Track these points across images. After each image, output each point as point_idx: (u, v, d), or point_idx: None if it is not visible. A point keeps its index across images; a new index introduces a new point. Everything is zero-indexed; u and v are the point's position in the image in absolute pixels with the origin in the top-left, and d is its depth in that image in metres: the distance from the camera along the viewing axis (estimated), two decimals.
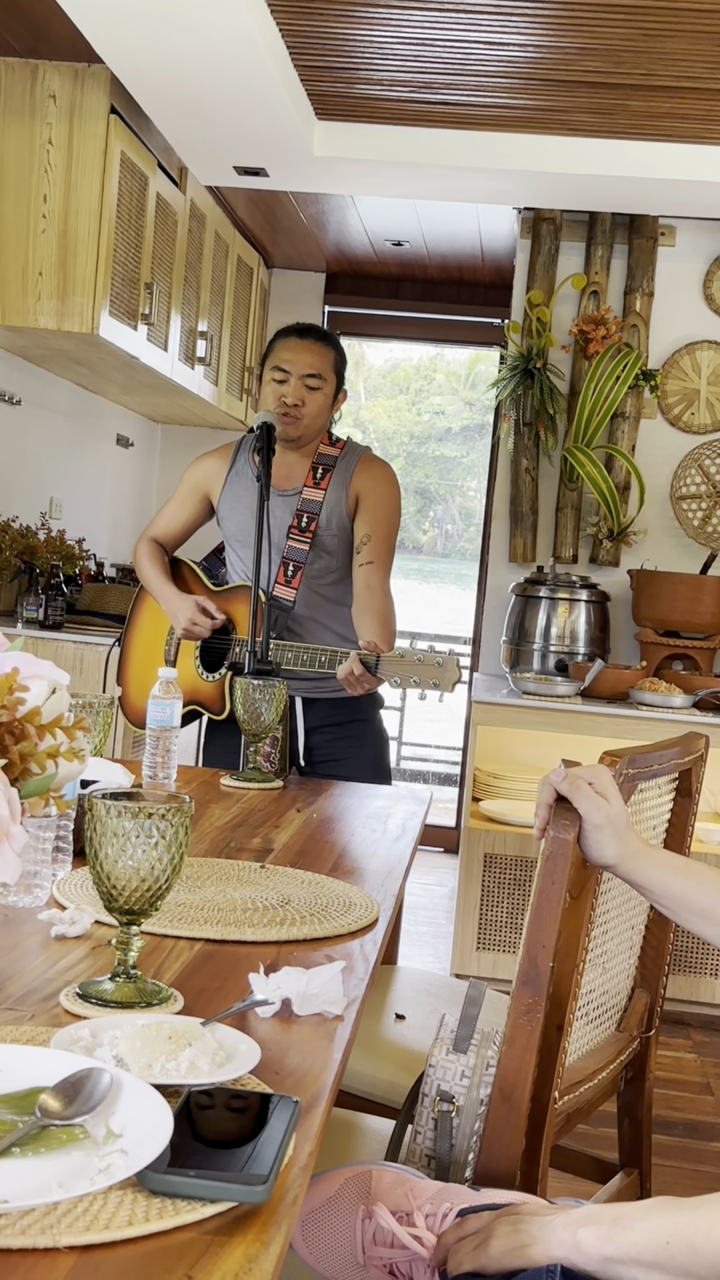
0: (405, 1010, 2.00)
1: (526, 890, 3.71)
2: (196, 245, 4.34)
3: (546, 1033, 1.42)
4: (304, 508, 2.65)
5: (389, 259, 5.29)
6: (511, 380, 4.29)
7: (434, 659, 2.25)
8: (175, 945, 1.37)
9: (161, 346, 4.00)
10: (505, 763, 4.20)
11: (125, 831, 1.12)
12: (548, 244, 4.35)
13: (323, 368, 2.62)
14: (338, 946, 1.43)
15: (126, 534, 5.27)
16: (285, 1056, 1.11)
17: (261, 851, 1.84)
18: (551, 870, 1.36)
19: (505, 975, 3.65)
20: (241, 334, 5.08)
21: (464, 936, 3.76)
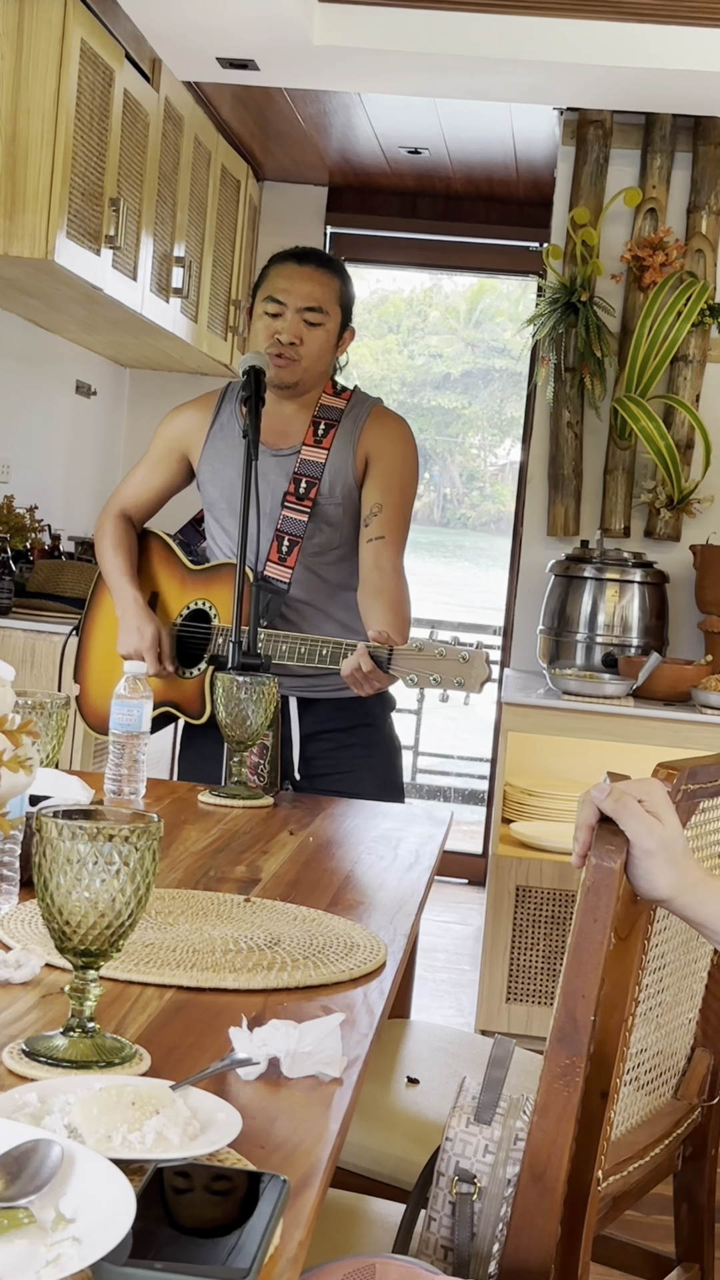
0: (418, 1072, 2.01)
1: (565, 930, 3.71)
2: (172, 153, 4.33)
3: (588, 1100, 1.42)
4: (302, 470, 2.65)
5: (404, 170, 5.27)
6: (551, 316, 4.29)
7: (458, 653, 2.25)
8: (141, 993, 1.37)
9: (130, 275, 4.00)
10: (541, 777, 4.20)
11: (81, 857, 1.13)
12: (595, 152, 4.34)
13: (325, 299, 2.62)
14: (337, 996, 1.43)
15: (87, 501, 5.27)
16: (272, 1127, 1.11)
17: (246, 882, 1.84)
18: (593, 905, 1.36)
19: (540, 1032, 3.65)
20: (226, 260, 5.08)
21: (491, 985, 3.77)
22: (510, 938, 3.76)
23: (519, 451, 5.36)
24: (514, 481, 5.81)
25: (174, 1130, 1.02)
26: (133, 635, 2.63)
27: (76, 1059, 1.16)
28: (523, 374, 11.19)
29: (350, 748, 2.71)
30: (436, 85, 4.01)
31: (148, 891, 1.16)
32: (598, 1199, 1.46)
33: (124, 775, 2.16)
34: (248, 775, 2.42)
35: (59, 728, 1.96)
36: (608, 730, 3.78)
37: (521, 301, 10.73)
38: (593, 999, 1.36)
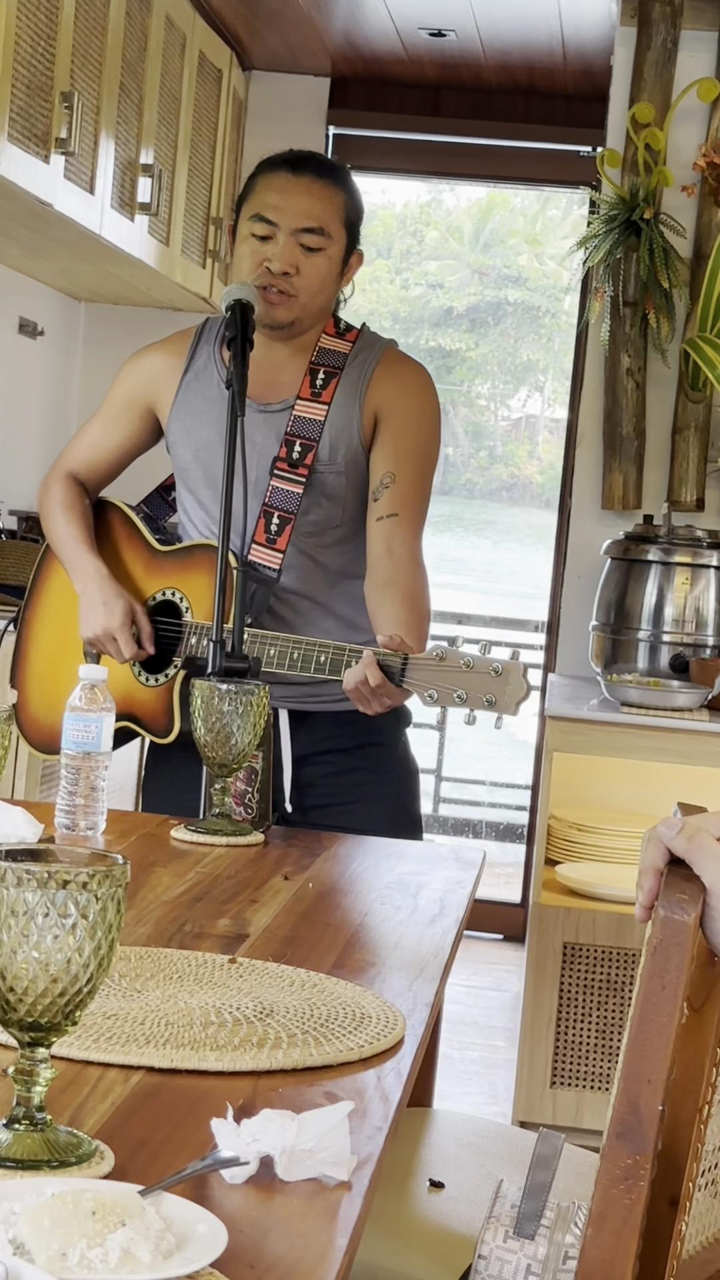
0: (444, 1174, 2.01)
1: (625, 998, 3.71)
2: (138, 37, 4.34)
3: (654, 1209, 1.42)
4: (296, 430, 2.65)
5: (424, 57, 5.27)
6: (607, 238, 4.29)
7: (490, 665, 2.25)
8: (103, 1076, 1.37)
9: (86, 187, 4.00)
10: (595, 808, 4.20)
11: (29, 908, 1.13)
12: (662, 33, 4.34)
13: (326, 217, 2.62)
14: (344, 1080, 1.43)
15: (32, 467, 5.28)
16: (264, 1242, 1.11)
17: (231, 938, 1.84)
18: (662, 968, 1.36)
19: (594, 1124, 3.65)
20: (205, 169, 5.08)
21: (532, 1066, 3.77)
22: (556, 1007, 3.76)
23: (536, 403, 5.31)
24: (529, 440, 5.81)
25: (144, 1246, 1.02)
26: (98, 612, 2.62)
27: (23, 1157, 1.16)
28: (541, 308, 11.11)
29: (355, 772, 2.71)
30: None
31: (111, 951, 1.16)
32: None
33: (79, 806, 2.16)
34: (232, 806, 2.43)
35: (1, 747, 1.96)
36: (677, 750, 3.77)
37: (541, 219, 10.73)
38: (660, 1084, 1.36)
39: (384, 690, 2.33)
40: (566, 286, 18.46)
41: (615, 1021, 3.73)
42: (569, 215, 18.84)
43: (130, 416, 2.80)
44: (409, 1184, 1.98)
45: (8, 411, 5.12)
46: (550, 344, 10.73)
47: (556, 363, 10.79)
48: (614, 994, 3.76)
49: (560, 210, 17.36)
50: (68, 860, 1.20)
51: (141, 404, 2.79)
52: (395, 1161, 2.03)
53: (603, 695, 4.05)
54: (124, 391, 2.80)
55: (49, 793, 3.85)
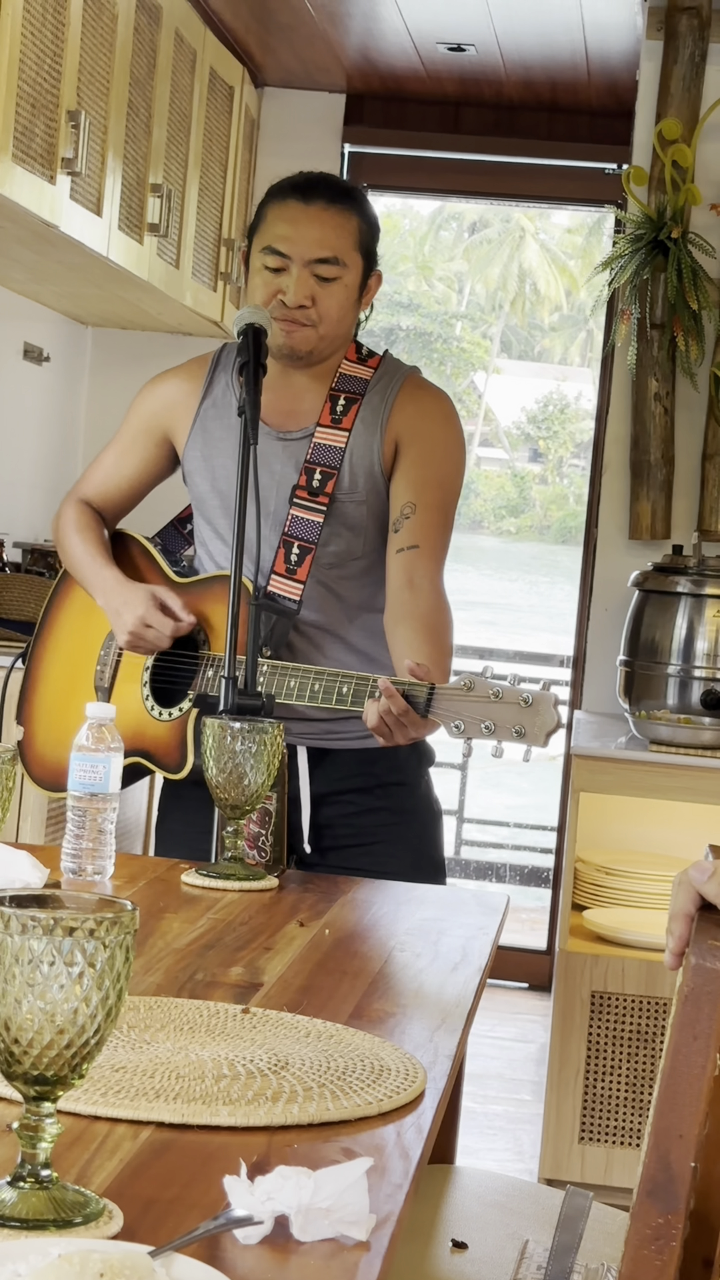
0: (467, 1234, 2.00)
1: (656, 1049, 3.70)
2: (147, 53, 4.37)
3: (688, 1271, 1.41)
4: (316, 458, 2.66)
5: (443, 73, 5.30)
6: (633, 258, 4.30)
7: (519, 695, 2.25)
8: (111, 1132, 1.37)
9: (93, 208, 4.03)
10: (623, 851, 4.19)
11: (34, 956, 1.13)
12: (690, 47, 4.36)
13: (341, 246, 2.63)
14: (362, 1135, 1.43)
15: (39, 498, 5.30)
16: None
17: (244, 987, 1.84)
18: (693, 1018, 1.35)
19: (626, 1182, 3.63)
20: (216, 189, 5.11)
21: (559, 1120, 3.75)
22: (584, 1059, 3.74)
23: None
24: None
25: None
26: (123, 614, 2.63)
27: (28, 1217, 1.16)
28: (433, 334, 11.11)
29: (376, 813, 2.71)
30: None
31: (119, 1000, 1.16)
32: None
33: (87, 849, 2.17)
34: (245, 849, 2.43)
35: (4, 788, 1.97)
36: (709, 790, 3.76)
37: (430, 241, 10.87)
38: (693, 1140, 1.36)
39: (408, 720, 2.33)
40: (457, 313, 18.38)
41: (646, 1074, 3.72)
42: (460, 239, 18.84)
43: (146, 444, 2.81)
44: (430, 1244, 1.97)
45: (12, 441, 5.14)
46: (442, 368, 10.76)
47: (450, 386, 10.84)
48: (644, 1045, 3.74)
49: (451, 232, 17.40)
50: (74, 906, 1.20)
51: (158, 432, 2.80)
52: (416, 1221, 2.03)
53: (631, 733, 4.05)
54: (140, 419, 2.82)
55: (55, 836, 3.86)
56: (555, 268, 17.09)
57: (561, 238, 17.24)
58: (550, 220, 16.96)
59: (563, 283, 17.18)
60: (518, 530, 20.99)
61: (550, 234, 17.14)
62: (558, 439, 21.03)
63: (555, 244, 17.21)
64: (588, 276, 16.86)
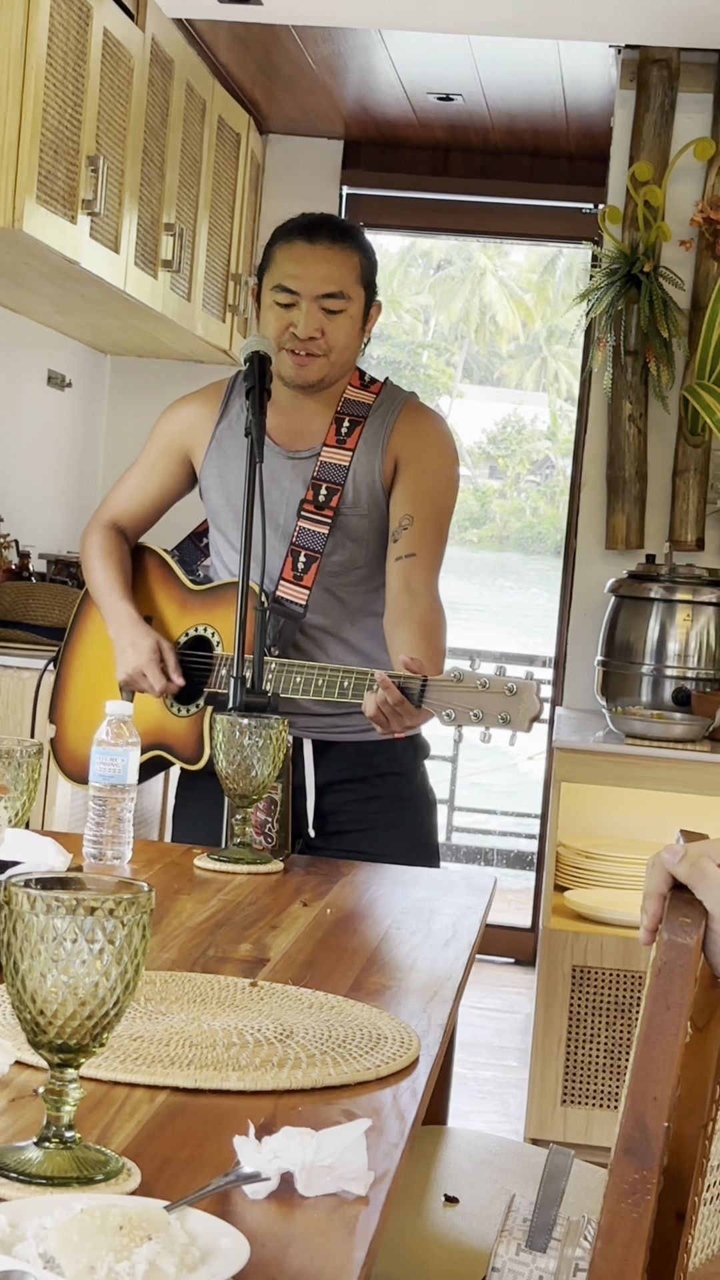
0: (458, 1190, 2.00)
1: (632, 1018, 3.69)
2: (161, 104, 4.37)
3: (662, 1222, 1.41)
4: (323, 475, 2.66)
5: (434, 121, 5.30)
6: (608, 291, 4.30)
7: (504, 685, 2.25)
8: (129, 1096, 1.37)
9: (111, 246, 4.03)
10: (601, 836, 4.19)
11: (58, 934, 1.13)
12: (659, 97, 4.36)
13: (345, 281, 2.63)
14: (361, 1098, 1.43)
15: (62, 513, 5.29)
16: (285, 1255, 1.11)
17: (252, 962, 1.84)
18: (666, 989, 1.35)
19: (604, 1141, 3.63)
20: (224, 228, 5.11)
21: (543, 1085, 3.75)
22: (566, 1028, 3.74)
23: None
24: None
25: (169, 1260, 1.02)
26: (128, 654, 2.65)
27: (53, 1174, 1.16)
28: (402, 362, 11.12)
29: (375, 800, 2.71)
30: (471, 20, 4.03)
31: (136, 975, 1.16)
32: None
33: (107, 836, 2.16)
34: (253, 835, 2.43)
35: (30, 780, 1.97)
36: (680, 780, 3.76)
37: (400, 277, 10.90)
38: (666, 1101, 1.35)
39: (403, 709, 2.33)
40: (423, 342, 18.26)
41: (623, 1041, 3.72)
42: (427, 276, 18.78)
43: (167, 464, 2.82)
44: (424, 1199, 1.97)
45: (37, 461, 5.14)
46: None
47: None
48: (622, 1015, 3.74)
49: (419, 269, 17.27)
50: (95, 888, 1.20)
51: (178, 452, 2.81)
52: (411, 1177, 2.02)
53: (608, 727, 4.04)
54: (162, 440, 2.82)
55: (78, 823, 3.85)
56: (512, 302, 17.17)
57: (518, 274, 17.31)
58: (508, 258, 17.01)
59: (519, 315, 17.25)
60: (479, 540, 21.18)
61: (508, 271, 17.21)
62: (515, 457, 21.19)
63: (513, 280, 17.28)
64: (542, 309, 16.89)
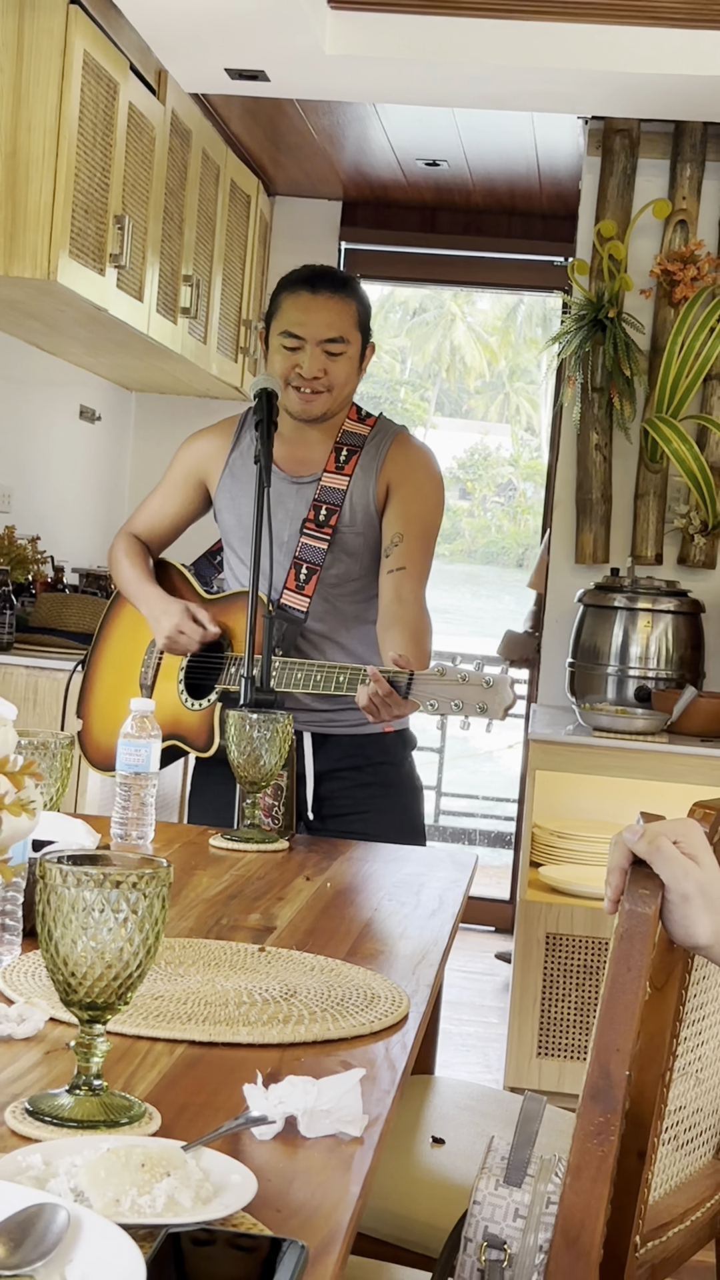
0: (444, 1132, 2.00)
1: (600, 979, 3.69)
2: (179, 168, 4.37)
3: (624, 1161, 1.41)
4: (323, 497, 2.67)
5: (422, 183, 5.30)
6: (577, 334, 4.30)
7: (482, 678, 2.26)
8: (150, 1049, 1.37)
9: (135, 295, 4.03)
10: (572, 818, 4.18)
11: (87, 905, 1.13)
12: (622, 162, 4.36)
13: (345, 327, 2.63)
14: (357, 1050, 1.43)
15: (92, 531, 5.29)
16: (289, 1189, 1.11)
17: (261, 930, 1.84)
18: (627, 953, 1.35)
19: (573, 1089, 3.63)
20: (236, 279, 5.11)
21: (520, 1039, 3.75)
22: (540, 988, 3.74)
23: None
24: None
25: (186, 1193, 1.02)
26: (162, 621, 2.67)
27: (83, 1119, 1.16)
28: (382, 398, 11.05)
29: (368, 787, 2.71)
30: (454, 94, 4.04)
31: (157, 941, 1.16)
32: (635, 1266, 1.45)
33: (131, 818, 2.17)
34: (261, 818, 2.43)
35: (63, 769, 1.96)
36: (641, 768, 3.76)
37: (379, 322, 10.89)
38: (627, 1053, 1.35)
39: (392, 700, 2.33)
40: (400, 380, 18.23)
41: (592, 1001, 3.71)
42: (405, 321, 18.76)
43: (185, 489, 2.82)
44: (414, 1140, 1.97)
45: (70, 486, 5.14)
46: None
47: None
48: (590, 977, 3.74)
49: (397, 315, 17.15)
50: (121, 864, 1.20)
51: (195, 478, 2.81)
52: (401, 1121, 2.02)
53: (577, 722, 4.05)
54: (180, 468, 2.83)
55: (106, 807, 3.85)
56: (479, 344, 17.27)
57: (485, 320, 17.43)
58: (475, 306, 17.08)
59: (485, 356, 17.35)
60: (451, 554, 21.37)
61: (475, 317, 17.32)
62: (481, 481, 21.33)
63: (479, 325, 17.40)
64: (505, 350, 16.92)
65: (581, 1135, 1.37)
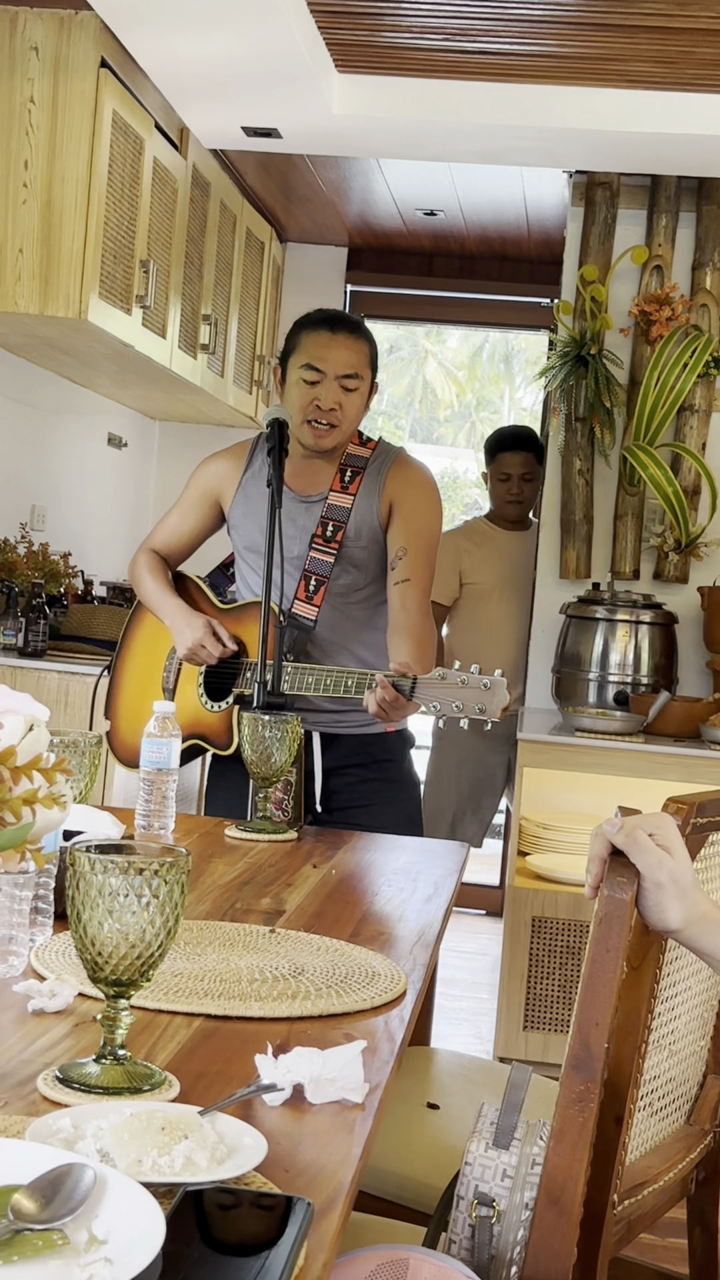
0: (438, 1098, 2.00)
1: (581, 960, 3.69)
2: (199, 217, 4.38)
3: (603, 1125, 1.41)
4: (329, 514, 2.67)
5: (420, 231, 5.31)
6: (562, 369, 4.30)
7: (480, 681, 2.26)
8: (170, 1022, 1.37)
9: (159, 333, 4.03)
10: (556, 811, 4.18)
11: (113, 890, 1.13)
12: (603, 212, 4.37)
13: (360, 365, 2.64)
14: (359, 1024, 1.43)
15: (119, 547, 5.30)
16: (297, 1151, 1.11)
17: (271, 914, 1.84)
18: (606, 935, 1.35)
19: (557, 1059, 3.62)
20: (251, 318, 5.12)
21: (508, 1013, 3.75)
22: (527, 967, 3.74)
23: None
24: None
25: (202, 1155, 1.02)
26: (184, 633, 2.65)
27: (108, 1086, 1.16)
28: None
29: (371, 782, 2.71)
30: (451, 151, 4.05)
31: (176, 923, 1.16)
32: (613, 1222, 1.45)
33: (153, 811, 2.16)
34: (272, 811, 2.43)
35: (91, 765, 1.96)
36: (619, 766, 3.76)
37: None
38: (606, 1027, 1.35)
39: (398, 704, 2.33)
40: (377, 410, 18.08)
41: (574, 979, 3.71)
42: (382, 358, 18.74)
43: (201, 508, 2.82)
44: (411, 1106, 1.97)
45: (98, 507, 5.15)
46: None
47: None
48: (572, 957, 3.73)
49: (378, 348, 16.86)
50: (143, 853, 1.20)
51: (210, 498, 2.81)
52: (400, 1088, 2.02)
53: (561, 723, 4.04)
54: (197, 488, 2.83)
55: (130, 800, 3.85)
56: (449, 379, 17.40)
57: (452, 357, 17.59)
58: (445, 344, 17.20)
59: (454, 389, 17.49)
60: None
61: (445, 355, 17.47)
62: (451, 501, 21.38)
63: (448, 361, 17.54)
64: (472, 383, 17.00)
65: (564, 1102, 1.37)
